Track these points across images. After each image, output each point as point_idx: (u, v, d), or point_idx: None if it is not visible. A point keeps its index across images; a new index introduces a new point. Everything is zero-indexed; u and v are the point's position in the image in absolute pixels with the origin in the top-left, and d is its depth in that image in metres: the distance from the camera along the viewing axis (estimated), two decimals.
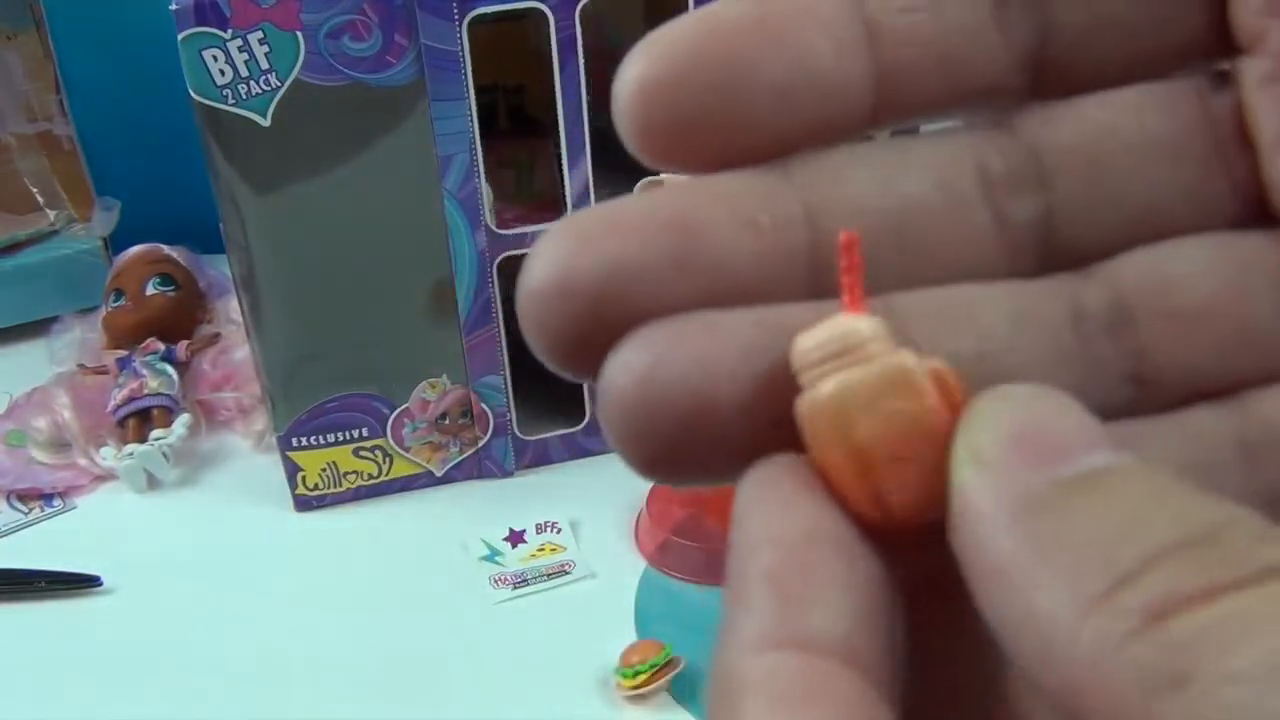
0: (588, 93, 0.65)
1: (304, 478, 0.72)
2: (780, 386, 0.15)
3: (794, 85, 0.16)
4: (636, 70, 0.16)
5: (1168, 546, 0.12)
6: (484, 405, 0.72)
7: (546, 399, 0.76)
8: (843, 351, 0.15)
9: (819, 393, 0.15)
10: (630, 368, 0.15)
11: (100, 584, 0.68)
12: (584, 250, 0.16)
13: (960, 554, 0.14)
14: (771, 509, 0.15)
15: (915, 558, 0.15)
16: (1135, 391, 0.17)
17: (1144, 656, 0.12)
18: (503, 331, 0.70)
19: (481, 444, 0.74)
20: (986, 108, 0.17)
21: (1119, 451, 0.14)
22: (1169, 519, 0.13)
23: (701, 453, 0.15)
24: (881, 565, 0.15)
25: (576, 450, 0.76)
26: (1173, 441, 0.16)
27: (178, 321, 0.87)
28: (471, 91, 0.63)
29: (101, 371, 0.84)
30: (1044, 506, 0.13)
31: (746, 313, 0.15)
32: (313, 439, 0.71)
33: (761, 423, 0.15)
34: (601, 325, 0.15)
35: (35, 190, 0.96)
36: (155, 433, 0.77)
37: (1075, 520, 0.13)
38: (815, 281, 0.16)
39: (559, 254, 0.16)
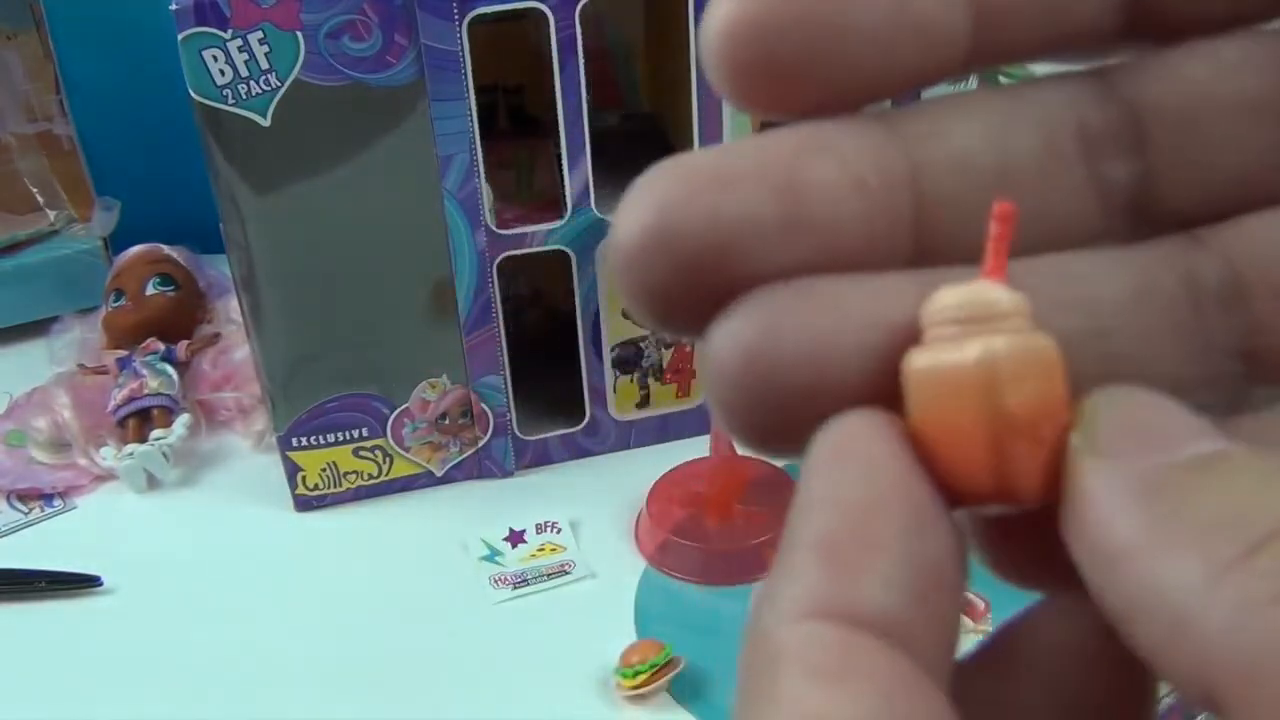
0: (588, 93, 0.65)
1: (304, 478, 0.72)
2: (896, 362, 0.15)
3: (892, 25, 0.15)
4: (726, 7, 0.15)
5: None
6: (484, 405, 0.72)
7: (546, 399, 0.76)
8: (983, 318, 0.14)
9: (964, 355, 0.14)
10: (740, 339, 0.14)
11: (100, 584, 0.68)
12: (687, 201, 0.15)
13: (1078, 543, 0.14)
14: (841, 469, 0.14)
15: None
16: (1244, 367, 0.16)
17: None
18: (503, 331, 0.70)
19: (481, 444, 0.74)
20: (1085, 51, 0.17)
21: (1228, 440, 0.14)
22: None
23: (810, 427, 0.14)
24: (955, 540, 0.14)
25: (576, 450, 0.76)
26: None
27: (178, 321, 0.87)
28: (471, 91, 0.63)
29: (101, 371, 0.84)
30: (1163, 488, 0.13)
31: (858, 284, 0.15)
32: (313, 439, 0.71)
33: (877, 398, 0.15)
34: (702, 283, 0.15)
35: (35, 190, 0.96)
36: (155, 433, 0.77)
37: (1196, 499, 0.13)
38: (919, 247, 0.15)
39: (660, 203, 0.15)
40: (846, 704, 0.12)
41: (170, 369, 0.82)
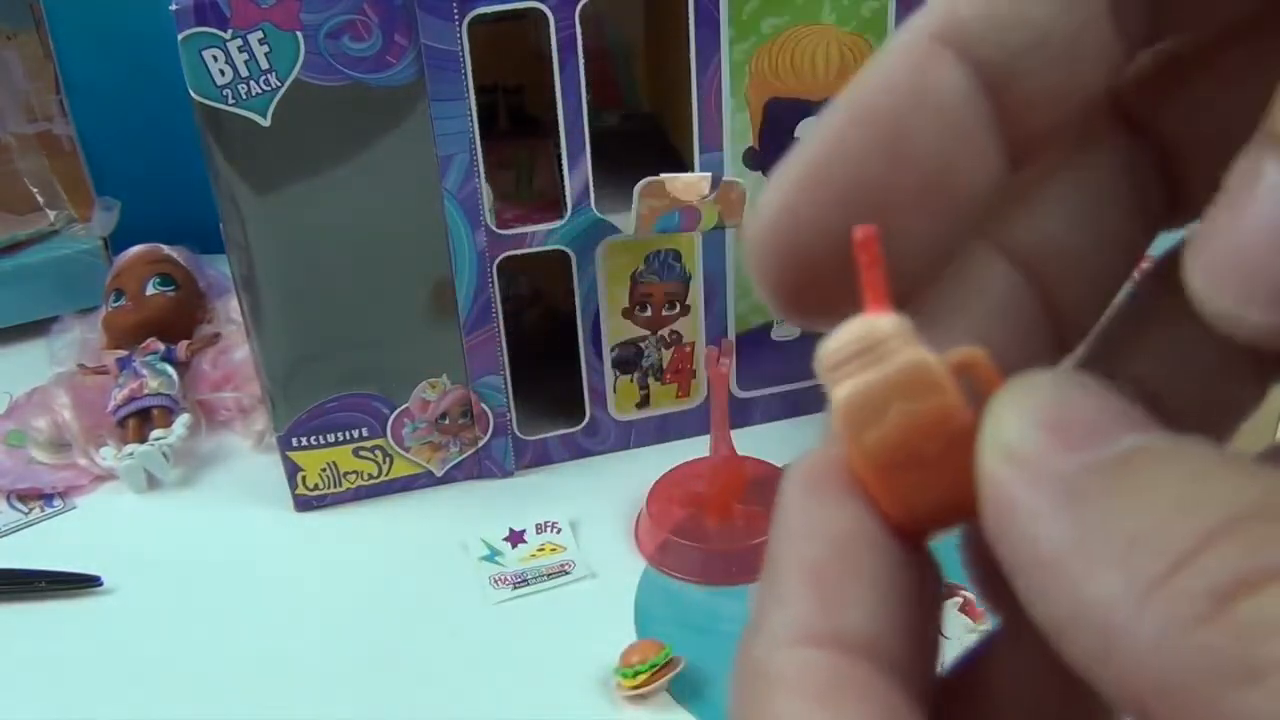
0: (588, 93, 0.65)
1: (304, 478, 0.72)
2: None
3: (943, 219, 0.16)
4: (759, 220, 0.16)
5: (1222, 523, 0.12)
6: (484, 405, 0.72)
7: (546, 399, 0.76)
8: (863, 351, 0.15)
9: (834, 397, 0.15)
10: (764, 208, 0.15)
11: (100, 584, 0.68)
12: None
13: (1000, 551, 0.13)
14: (814, 504, 0.15)
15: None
16: None
17: (1213, 644, 0.11)
18: (503, 331, 0.70)
19: (481, 444, 0.74)
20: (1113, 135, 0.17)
21: (1155, 431, 0.13)
22: (1218, 495, 0.12)
23: (830, 289, 0.15)
24: (931, 568, 0.15)
25: (576, 450, 0.76)
26: None
27: (178, 321, 0.87)
28: (471, 91, 0.63)
29: (101, 371, 0.84)
30: (1084, 493, 0.13)
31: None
32: (313, 439, 0.71)
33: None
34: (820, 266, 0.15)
35: (35, 190, 0.96)
36: (155, 433, 0.77)
37: (1120, 504, 0.12)
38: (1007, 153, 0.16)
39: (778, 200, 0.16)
40: None
41: (170, 369, 0.82)
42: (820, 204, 0.15)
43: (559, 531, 0.70)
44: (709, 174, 0.66)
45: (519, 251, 0.68)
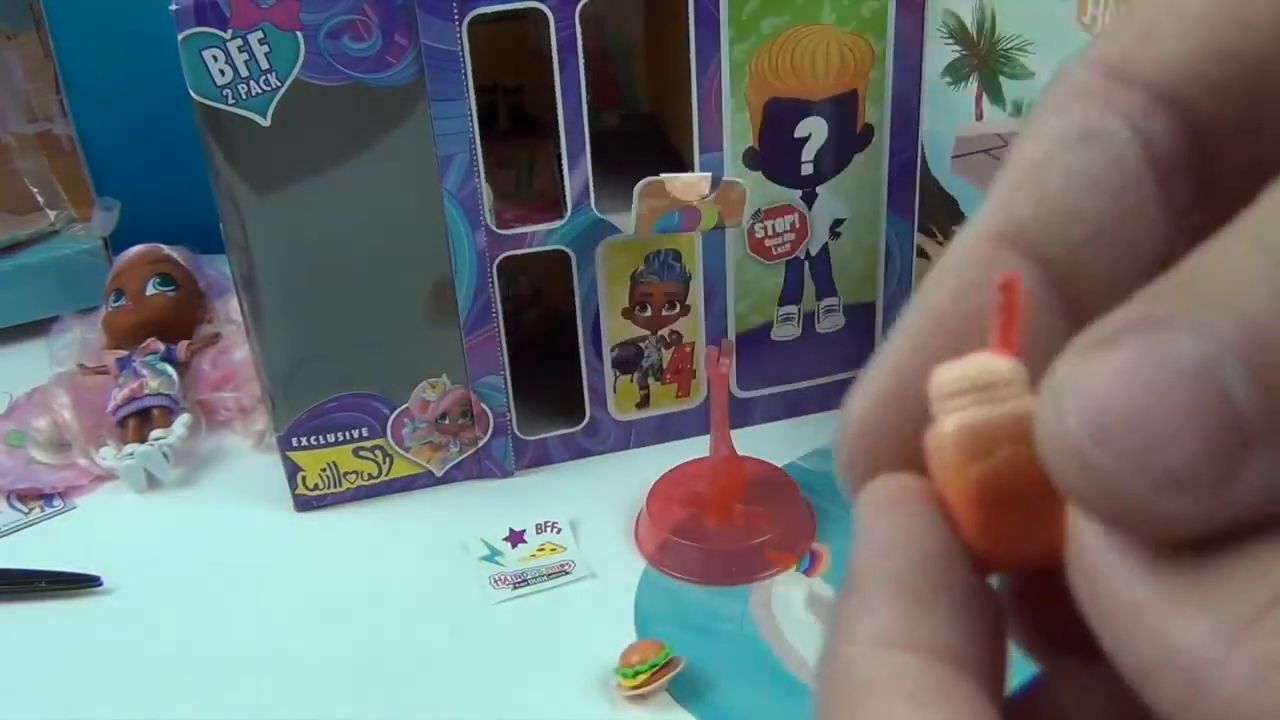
0: (588, 93, 0.65)
1: (304, 478, 0.72)
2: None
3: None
4: (847, 418, 0.17)
5: None
6: (484, 405, 0.72)
7: (546, 399, 0.76)
8: (978, 388, 0.15)
9: (943, 427, 0.15)
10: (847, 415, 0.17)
11: (100, 584, 0.68)
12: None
13: (1086, 601, 0.14)
14: (900, 521, 0.16)
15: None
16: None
17: None
18: (503, 331, 0.70)
19: (481, 444, 0.74)
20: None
21: None
22: None
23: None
24: (989, 593, 0.16)
25: (576, 450, 0.76)
26: None
27: (178, 321, 0.87)
28: (471, 91, 0.63)
29: (101, 371, 0.84)
30: (1171, 546, 0.13)
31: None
32: (313, 439, 0.71)
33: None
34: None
35: (35, 190, 0.96)
36: (155, 433, 0.77)
37: (1207, 554, 0.13)
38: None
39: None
40: None
41: (170, 369, 0.82)
42: (900, 414, 0.16)
43: (559, 531, 0.70)
44: (709, 174, 0.66)
45: (519, 251, 0.68)
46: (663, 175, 0.65)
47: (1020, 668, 0.17)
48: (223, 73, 0.60)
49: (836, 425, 0.17)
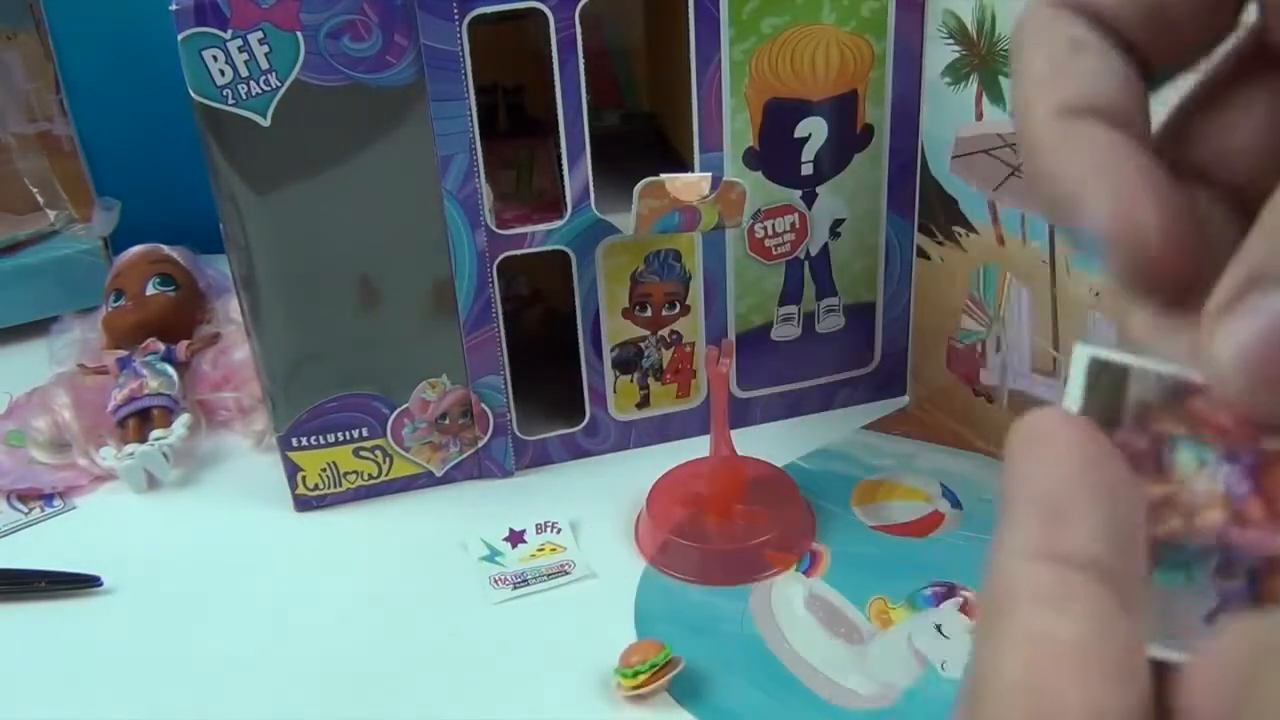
0: (588, 93, 0.65)
1: (304, 478, 0.72)
2: None
3: None
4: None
5: None
6: (484, 405, 0.72)
7: (546, 399, 0.76)
8: None
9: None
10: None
11: (100, 584, 0.68)
12: None
13: None
14: (1049, 448, 0.18)
15: None
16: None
17: None
18: (502, 331, 0.70)
19: (481, 444, 0.74)
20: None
21: None
22: None
23: None
24: (1140, 508, 0.18)
25: (576, 450, 0.76)
26: None
27: (178, 321, 0.87)
28: (471, 91, 0.63)
29: (101, 371, 0.84)
30: None
31: None
32: (313, 439, 0.71)
33: None
34: None
35: (35, 190, 0.96)
36: (155, 433, 0.77)
37: None
38: None
39: None
40: (1064, 624, 0.16)
41: (170, 369, 0.82)
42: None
43: (559, 531, 0.70)
44: (709, 174, 0.66)
45: (519, 251, 0.68)
46: (663, 175, 0.65)
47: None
48: (223, 73, 0.60)
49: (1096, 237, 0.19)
